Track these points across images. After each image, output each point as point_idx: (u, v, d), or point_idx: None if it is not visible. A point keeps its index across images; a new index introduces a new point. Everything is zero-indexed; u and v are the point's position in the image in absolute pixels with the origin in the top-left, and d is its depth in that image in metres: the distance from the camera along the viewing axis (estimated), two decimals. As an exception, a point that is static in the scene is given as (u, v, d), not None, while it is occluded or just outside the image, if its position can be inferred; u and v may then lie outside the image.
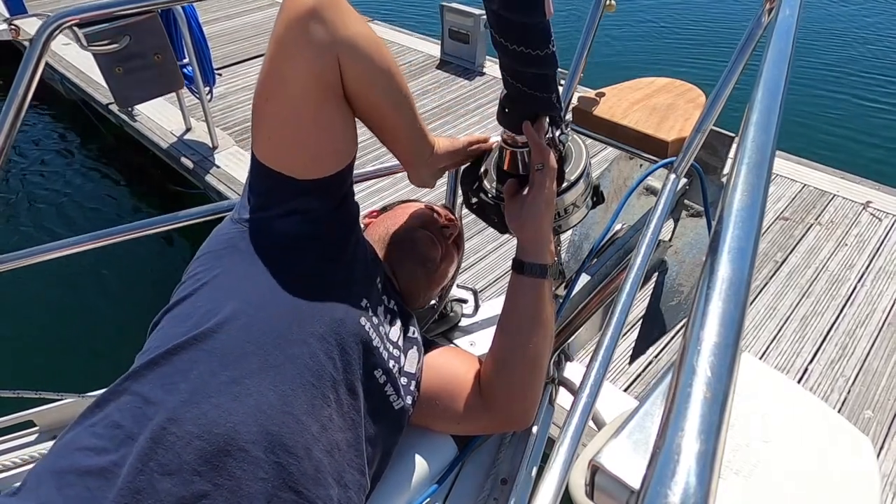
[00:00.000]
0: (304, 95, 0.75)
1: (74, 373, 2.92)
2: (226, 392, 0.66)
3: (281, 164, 0.79)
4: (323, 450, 0.69)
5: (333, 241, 0.82)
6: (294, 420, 0.67)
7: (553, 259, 0.90)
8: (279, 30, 0.73)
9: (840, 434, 0.84)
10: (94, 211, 4.39)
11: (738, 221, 0.45)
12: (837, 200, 3.50)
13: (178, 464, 0.60)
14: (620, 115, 1.10)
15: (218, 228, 0.85)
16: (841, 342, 2.60)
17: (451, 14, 5.17)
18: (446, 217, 1.11)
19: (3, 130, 0.97)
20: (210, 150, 4.09)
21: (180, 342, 0.69)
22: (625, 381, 2.43)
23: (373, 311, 0.83)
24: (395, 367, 0.85)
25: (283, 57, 0.74)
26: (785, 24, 0.69)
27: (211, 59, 3.91)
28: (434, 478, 0.95)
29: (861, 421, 2.28)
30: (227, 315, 0.71)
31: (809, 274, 2.97)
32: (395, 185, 3.64)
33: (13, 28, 1.17)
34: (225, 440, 0.62)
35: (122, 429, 0.64)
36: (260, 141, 0.80)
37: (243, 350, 0.69)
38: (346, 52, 0.73)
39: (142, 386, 0.67)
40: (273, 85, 0.76)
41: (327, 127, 0.79)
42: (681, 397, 0.34)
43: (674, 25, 7.44)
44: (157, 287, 3.64)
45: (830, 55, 6.37)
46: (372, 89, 0.79)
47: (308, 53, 0.72)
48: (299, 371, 0.70)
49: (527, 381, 0.90)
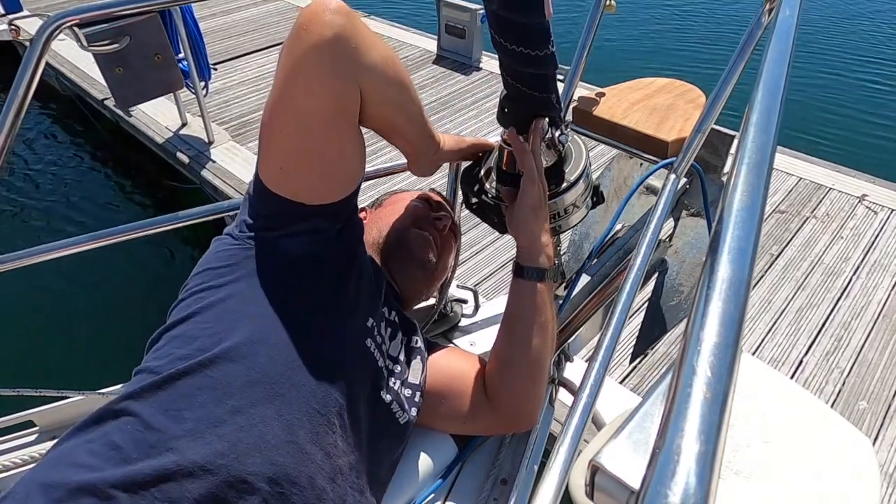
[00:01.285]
0: (322, 127, 0.73)
1: (74, 373, 2.92)
2: (231, 423, 0.65)
3: (290, 191, 0.76)
4: (326, 477, 0.69)
5: (340, 262, 0.81)
6: (298, 450, 0.67)
7: (551, 262, 0.90)
8: (297, 56, 0.69)
9: (840, 434, 0.84)
10: (90, 206, 4.40)
11: (738, 221, 0.45)
12: (833, 194, 3.52)
13: (180, 493, 0.60)
14: (620, 115, 1.10)
15: (219, 243, 0.81)
16: (836, 334, 2.62)
17: (447, 9, 5.17)
18: (438, 205, 1.09)
19: (3, 131, 0.97)
20: (206, 145, 4.10)
21: (185, 367, 0.68)
22: (625, 382, 2.43)
23: (378, 330, 0.83)
24: (397, 383, 0.85)
25: (301, 87, 0.71)
26: (785, 24, 0.69)
27: (206, 55, 3.92)
28: (434, 477, 0.95)
29: (856, 412, 2.30)
30: (233, 341, 0.70)
31: (805, 267, 2.99)
32: (391, 180, 3.63)
33: (13, 28, 1.17)
34: (228, 472, 0.62)
35: (120, 451, 0.62)
36: (269, 168, 0.77)
37: (249, 378, 0.68)
38: (369, 80, 0.72)
39: (143, 409, 0.65)
40: (288, 115, 0.73)
41: (341, 156, 0.77)
42: (681, 397, 0.34)
43: (674, 25, 7.44)
44: (157, 287, 3.65)
45: (827, 48, 6.39)
46: (389, 108, 0.78)
47: (330, 86, 0.70)
48: (305, 399, 0.69)
49: (530, 382, 0.90)
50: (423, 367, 0.93)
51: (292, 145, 0.75)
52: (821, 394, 2.36)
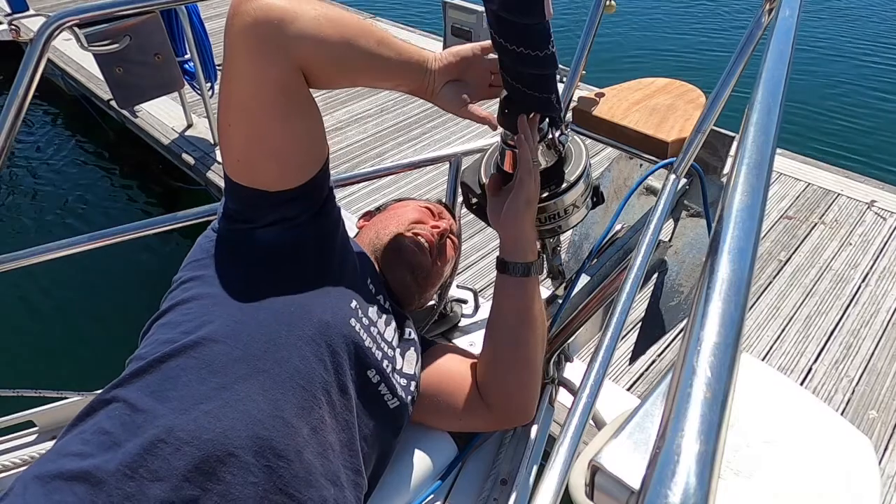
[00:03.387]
0: (265, 112, 0.73)
1: (74, 373, 2.92)
2: (215, 398, 0.66)
3: (252, 180, 0.78)
4: (315, 452, 0.69)
5: (317, 247, 0.82)
6: (284, 424, 0.67)
7: (535, 256, 0.90)
8: (227, 48, 0.70)
9: (840, 434, 0.84)
10: (95, 207, 4.39)
11: (738, 221, 0.45)
12: (842, 199, 3.48)
13: (167, 470, 0.61)
14: (620, 115, 1.09)
15: (202, 237, 0.85)
16: (845, 342, 2.59)
17: (453, 11, 5.17)
18: (439, 215, 1.10)
19: (4, 130, 0.97)
20: (211, 146, 4.08)
21: (169, 350, 0.69)
22: (625, 382, 2.43)
23: (363, 312, 0.83)
24: (389, 366, 0.85)
25: (236, 77, 0.72)
26: (785, 24, 0.69)
27: (213, 55, 3.88)
28: (434, 478, 0.95)
29: (866, 421, 2.27)
30: (215, 323, 0.71)
31: (813, 273, 2.96)
32: (395, 183, 3.63)
33: (14, 28, 1.17)
34: (214, 446, 0.63)
35: (109, 435, 0.64)
36: (229, 163, 0.79)
37: (232, 356, 0.69)
38: (303, 49, 0.70)
39: (130, 393, 0.67)
40: (232, 107, 0.74)
41: (295, 138, 0.78)
42: (681, 397, 0.34)
43: (674, 25, 7.44)
44: (157, 287, 3.61)
45: (835, 52, 6.37)
46: (341, 65, 0.76)
47: (261, 68, 0.70)
48: (289, 374, 0.70)
49: (520, 378, 0.90)
50: (418, 359, 0.93)
51: (242, 136, 0.76)
52: (830, 402, 2.32)
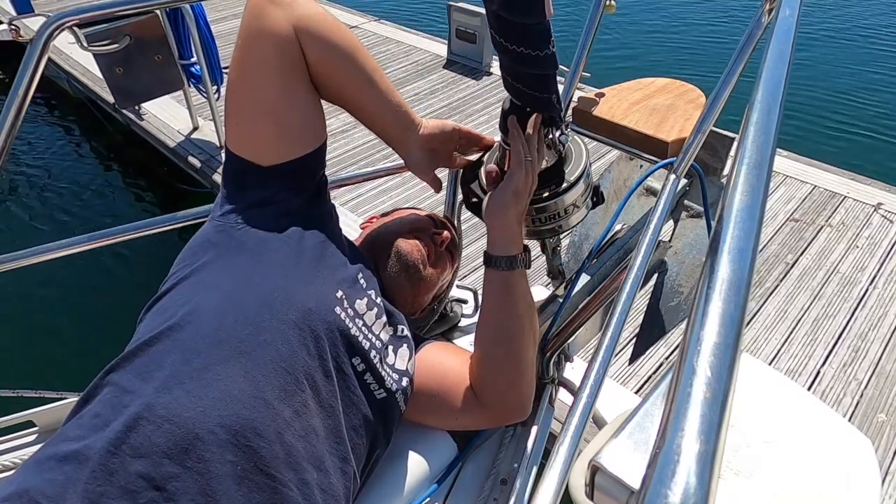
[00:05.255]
0: (265, 74, 0.80)
1: (74, 373, 2.91)
2: (197, 378, 0.67)
3: (245, 149, 0.83)
4: (296, 435, 0.69)
5: (305, 235, 0.83)
6: (265, 405, 0.68)
7: (519, 250, 0.89)
8: (241, 26, 0.80)
9: (840, 434, 0.84)
10: (101, 209, 4.40)
11: (738, 222, 0.45)
12: (848, 202, 3.48)
13: (149, 446, 0.62)
14: (620, 115, 1.09)
15: (200, 229, 0.88)
16: (853, 345, 2.58)
17: (458, 14, 5.18)
18: (442, 224, 1.10)
19: (3, 131, 0.97)
20: (217, 149, 4.08)
21: (156, 334, 0.72)
22: (625, 382, 2.43)
23: (349, 303, 0.83)
24: (376, 357, 0.84)
25: (245, 46, 0.80)
26: (785, 24, 0.69)
27: (219, 58, 3.89)
28: (434, 478, 0.95)
29: (874, 425, 2.26)
30: (200, 306, 0.73)
31: (820, 276, 2.95)
32: (403, 185, 3.63)
33: (13, 28, 1.17)
34: (194, 423, 0.64)
35: (100, 417, 0.66)
36: (228, 130, 0.85)
37: (216, 338, 0.71)
38: (304, 29, 0.79)
39: (120, 377, 0.70)
40: (238, 74, 0.82)
41: (293, 104, 0.82)
42: (681, 397, 0.34)
43: (674, 25, 7.44)
44: (157, 287, 3.64)
45: (840, 54, 6.36)
46: (337, 70, 0.83)
47: (266, 33, 0.78)
48: (272, 357, 0.71)
49: (511, 375, 0.89)
50: (411, 356, 0.92)
51: (242, 99, 0.83)
52: (839, 406, 2.32)
